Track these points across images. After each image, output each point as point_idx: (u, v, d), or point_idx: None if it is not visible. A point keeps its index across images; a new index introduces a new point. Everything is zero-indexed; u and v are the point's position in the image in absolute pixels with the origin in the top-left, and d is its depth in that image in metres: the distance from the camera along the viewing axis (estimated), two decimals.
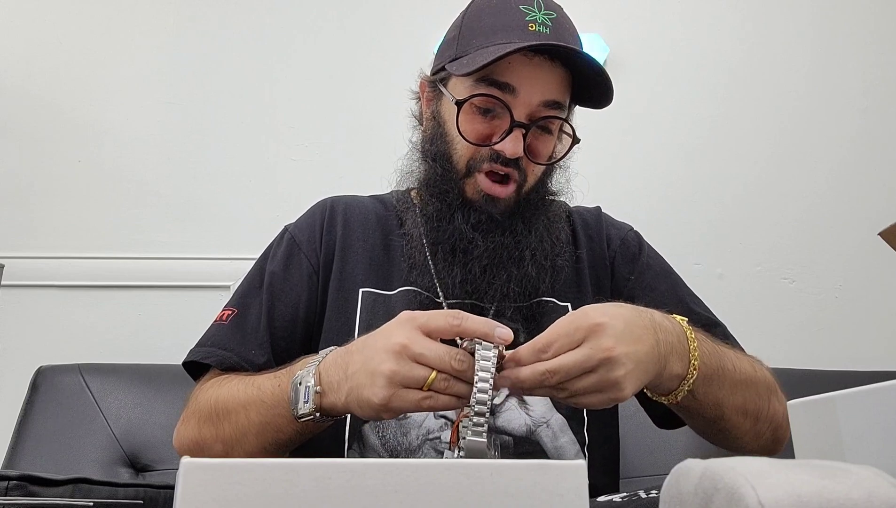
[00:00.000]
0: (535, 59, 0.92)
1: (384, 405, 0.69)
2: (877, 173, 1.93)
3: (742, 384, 0.85)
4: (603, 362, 0.68)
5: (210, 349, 0.95)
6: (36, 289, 1.70)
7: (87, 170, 1.77)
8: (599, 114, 1.02)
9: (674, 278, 1.08)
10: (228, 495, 0.42)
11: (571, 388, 0.69)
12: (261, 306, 0.97)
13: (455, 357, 0.68)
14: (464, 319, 0.69)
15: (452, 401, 0.69)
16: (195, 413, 0.90)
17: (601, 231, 1.09)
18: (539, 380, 0.68)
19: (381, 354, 0.69)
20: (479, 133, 0.94)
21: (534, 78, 0.92)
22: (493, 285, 0.95)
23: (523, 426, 0.91)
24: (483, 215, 0.94)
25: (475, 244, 0.94)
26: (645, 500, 0.59)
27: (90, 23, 1.84)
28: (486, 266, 0.94)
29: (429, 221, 0.98)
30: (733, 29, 1.96)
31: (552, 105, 0.94)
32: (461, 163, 0.96)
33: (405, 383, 0.68)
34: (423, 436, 0.89)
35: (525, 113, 0.92)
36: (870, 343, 1.84)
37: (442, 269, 0.96)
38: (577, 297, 1.01)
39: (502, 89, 0.92)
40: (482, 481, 0.44)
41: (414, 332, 0.69)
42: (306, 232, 1.04)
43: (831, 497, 0.35)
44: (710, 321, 1.03)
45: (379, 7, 1.91)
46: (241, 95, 1.84)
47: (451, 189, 0.96)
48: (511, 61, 0.91)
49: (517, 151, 0.92)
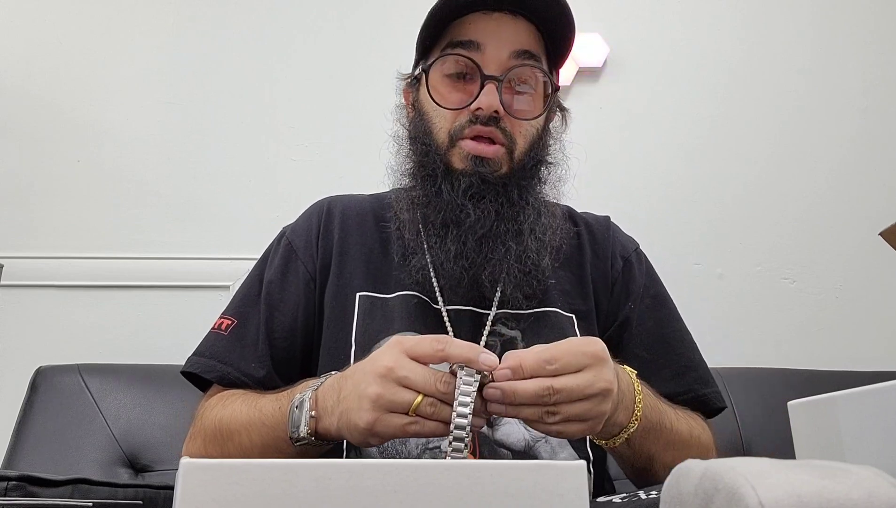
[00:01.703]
0: (495, 16, 0.91)
1: (369, 429, 0.68)
2: (877, 173, 1.93)
3: (675, 444, 0.85)
4: (601, 392, 0.68)
5: (209, 361, 0.94)
6: (36, 289, 1.70)
7: (86, 170, 1.77)
8: (599, 114, 1.02)
9: (664, 312, 1.04)
10: (228, 495, 0.42)
11: (563, 412, 0.67)
12: (259, 317, 0.96)
13: (440, 380, 0.67)
14: (448, 344, 0.68)
15: (440, 427, 0.67)
16: (201, 432, 0.90)
17: (607, 247, 1.06)
18: (539, 395, 0.66)
19: (369, 378, 0.68)
20: (452, 98, 0.93)
21: (498, 31, 0.91)
22: (491, 259, 0.91)
23: (521, 441, 0.90)
24: (474, 178, 0.91)
25: (466, 213, 0.90)
26: (645, 501, 0.59)
27: (90, 23, 1.83)
28: (481, 238, 0.91)
29: (417, 204, 0.95)
30: (733, 29, 1.96)
31: (524, 55, 0.92)
32: (442, 134, 0.93)
33: (390, 407, 0.67)
34: (423, 444, 0.87)
35: (497, 68, 0.91)
36: (870, 343, 1.84)
37: (434, 245, 0.93)
38: (583, 310, 0.99)
39: (467, 48, 0.91)
40: (482, 481, 0.44)
41: (400, 356, 0.68)
42: (303, 237, 1.03)
43: (831, 498, 0.34)
44: (686, 364, 1.00)
45: (379, 7, 1.91)
46: (241, 95, 1.84)
47: (436, 164, 0.93)
48: (471, 21, 0.91)
49: (493, 103, 0.89)
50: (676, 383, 0.98)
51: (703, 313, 1.82)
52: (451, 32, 0.92)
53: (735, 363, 1.72)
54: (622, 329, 1.01)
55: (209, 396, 0.94)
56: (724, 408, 1.00)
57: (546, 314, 0.97)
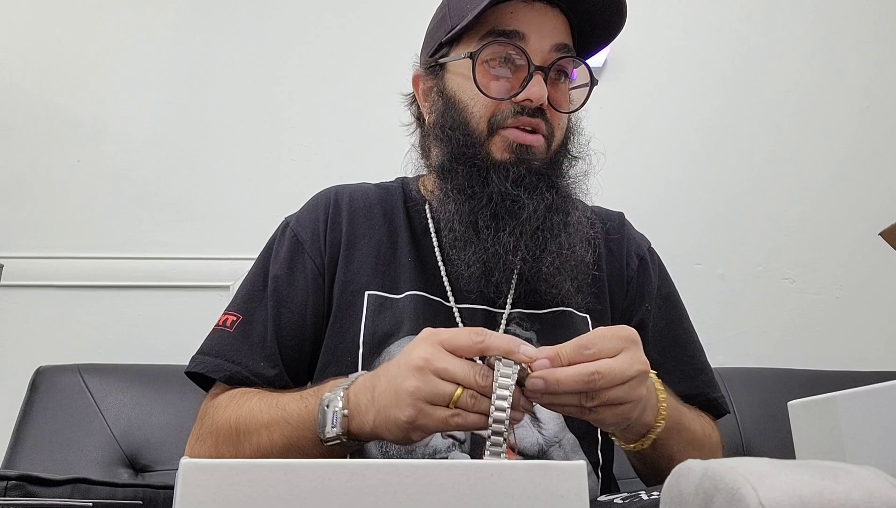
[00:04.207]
0: (535, 5, 0.90)
1: (411, 424, 0.66)
2: (877, 173, 1.93)
3: (693, 443, 0.86)
4: (639, 374, 0.67)
5: (216, 360, 0.90)
6: (35, 289, 1.70)
7: (86, 170, 1.77)
8: (600, 113, 1.02)
9: (675, 313, 1.04)
10: (228, 495, 0.42)
11: (602, 397, 0.67)
12: (266, 313, 0.93)
13: (479, 373, 0.66)
14: (487, 336, 0.66)
15: (482, 419, 0.65)
16: (212, 433, 0.86)
17: (622, 245, 1.04)
18: (584, 381, 0.65)
19: (404, 372, 0.67)
20: (498, 88, 0.89)
21: (540, 23, 0.90)
22: (546, 255, 0.88)
23: (535, 445, 0.88)
24: (522, 168, 0.87)
25: (521, 204, 0.87)
26: (646, 501, 0.58)
27: (90, 23, 1.83)
28: (537, 229, 0.88)
29: (461, 192, 0.90)
30: (733, 29, 1.96)
31: (563, 48, 0.90)
32: (482, 124, 0.90)
33: (430, 399, 0.65)
34: (429, 455, 0.85)
35: (540, 59, 0.89)
36: (870, 343, 1.84)
37: (487, 238, 0.88)
38: (597, 309, 0.98)
39: (511, 38, 0.89)
40: (482, 481, 0.44)
41: (436, 348, 0.67)
42: (309, 229, 0.98)
43: (832, 498, 0.34)
44: (697, 366, 1.00)
45: (379, 7, 1.91)
46: (241, 94, 1.84)
47: (477, 152, 0.89)
48: (513, 11, 0.89)
49: (543, 94, 0.87)
50: (688, 384, 0.97)
51: (703, 314, 1.82)
52: (491, 20, 0.89)
53: (735, 363, 1.72)
54: (638, 330, 1.01)
55: (214, 395, 0.91)
56: (728, 413, 1.01)
57: (561, 314, 0.95)
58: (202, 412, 0.91)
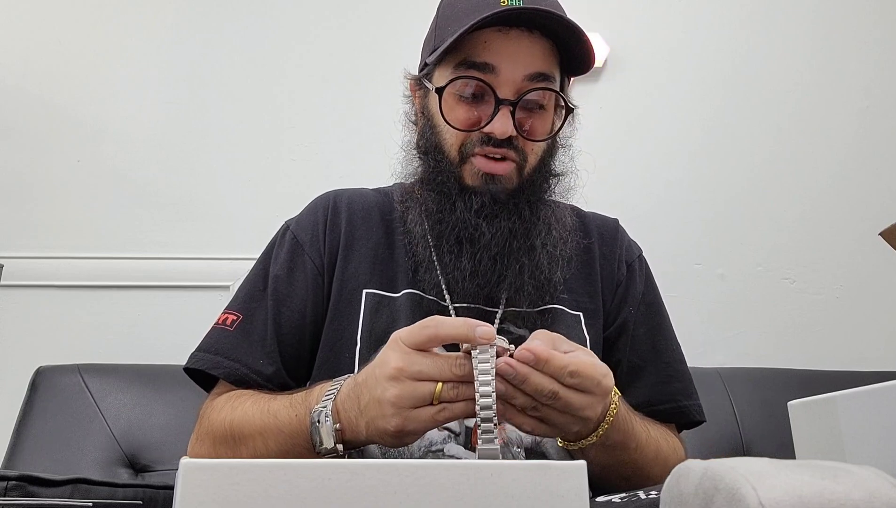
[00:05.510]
0: (511, 34, 0.90)
1: (399, 431, 0.68)
2: (877, 173, 1.93)
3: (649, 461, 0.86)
4: (586, 417, 0.70)
5: (215, 357, 0.91)
6: (35, 289, 1.70)
7: (86, 170, 1.77)
8: (600, 113, 1.02)
9: (657, 320, 1.05)
10: (228, 495, 0.42)
11: (545, 413, 0.69)
12: (266, 312, 0.94)
13: (454, 363, 0.67)
14: (438, 324, 0.68)
15: (469, 406, 0.67)
16: (209, 434, 0.87)
17: (615, 249, 1.06)
18: (545, 394, 0.67)
19: (382, 383, 0.68)
20: (465, 119, 0.92)
21: (513, 53, 0.90)
22: (505, 277, 0.92)
23: (529, 436, 0.89)
24: (486, 197, 0.91)
25: (481, 232, 0.90)
26: (645, 501, 0.58)
27: (90, 23, 1.84)
28: (495, 256, 0.91)
29: (430, 216, 0.95)
30: (733, 29, 1.96)
31: (538, 77, 0.91)
32: (453, 151, 0.93)
33: (413, 403, 0.67)
34: (426, 447, 0.86)
35: (511, 90, 0.90)
36: (870, 343, 1.84)
37: (449, 263, 0.93)
38: (590, 308, 0.99)
39: (482, 70, 0.90)
40: (482, 481, 0.44)
41: (404, 351, 0.68)
42: (309, 231, 1.01)
43: (832, 498, 0.34)
44: (672, 374, 1.01)
45: (379, 7, 1.91)
46: (241, 94, 1.84)
47: (447, 179, 0.93)
48: (487, 40, 0.89)
49: (507, 129, 0.89)
50: (659, 391, 0.99)
51: (703, 313, 1.83)
52: (467, 47, 0.90)
53: (735, 363, 1.72)
54: (619, 333, 1.02)
55: (214, 395, 0.92)
56: (703, 422, 1.01)
57: (553, 312, 0.97)
58: (202, 412, 0.92)
